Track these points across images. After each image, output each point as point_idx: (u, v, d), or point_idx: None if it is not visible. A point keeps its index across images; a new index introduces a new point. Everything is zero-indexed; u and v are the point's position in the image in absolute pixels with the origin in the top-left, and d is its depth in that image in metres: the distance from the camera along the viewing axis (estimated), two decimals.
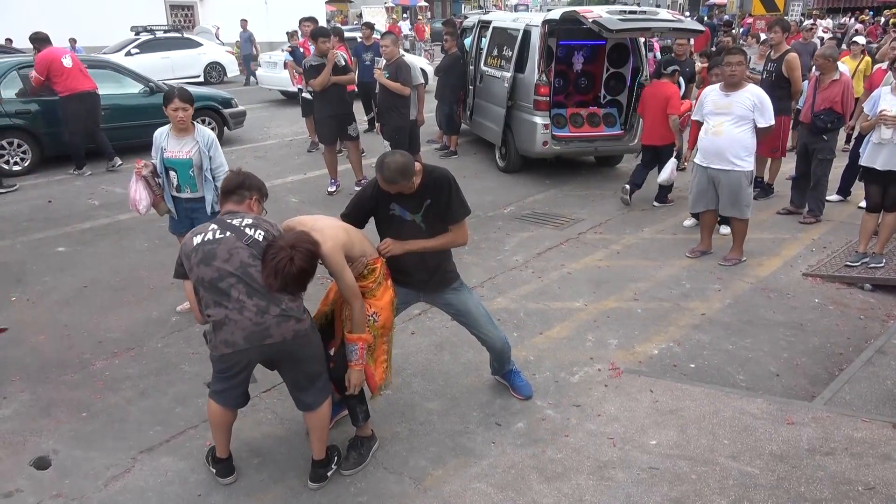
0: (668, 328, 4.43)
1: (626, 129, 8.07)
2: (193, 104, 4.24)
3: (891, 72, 6.67)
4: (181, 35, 18.06)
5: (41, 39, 7.99)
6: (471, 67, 9.17)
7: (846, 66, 7.99)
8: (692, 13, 34.75)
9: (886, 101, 4.92)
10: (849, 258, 5.37)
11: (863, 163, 5.18)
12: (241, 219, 2.76)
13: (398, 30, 25.80)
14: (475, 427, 3.38)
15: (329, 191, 7.52)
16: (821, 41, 11.93)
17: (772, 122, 5.14)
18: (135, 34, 16.97)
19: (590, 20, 6.74)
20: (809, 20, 20.16)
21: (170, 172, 4.28)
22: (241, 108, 10.43)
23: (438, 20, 34.88)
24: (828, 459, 3.03)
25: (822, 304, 4.77)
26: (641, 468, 3.04)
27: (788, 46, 7.06)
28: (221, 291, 2.60)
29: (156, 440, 3.30)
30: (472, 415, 3.48)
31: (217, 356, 2.69)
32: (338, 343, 3.04)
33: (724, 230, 5.88)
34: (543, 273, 5.33)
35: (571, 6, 9.00)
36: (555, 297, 4.89)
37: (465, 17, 17.46)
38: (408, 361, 3.98)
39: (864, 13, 27.83)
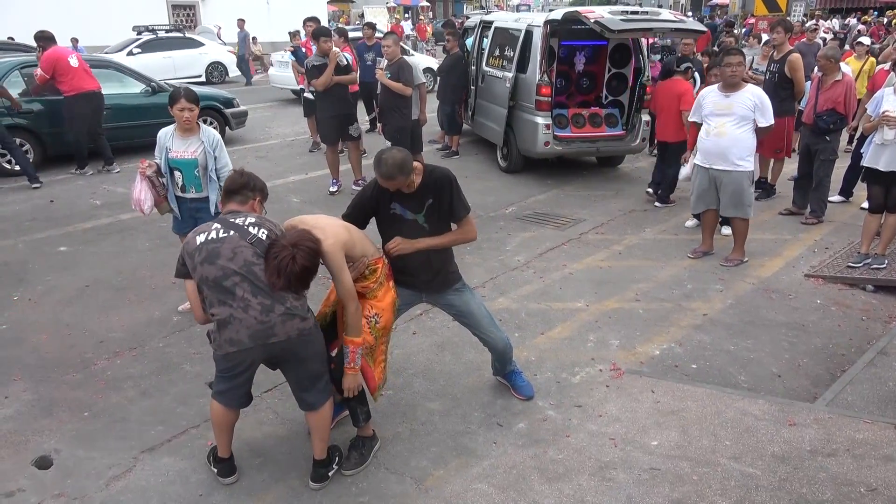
0: (670, 329, 4.43)
1: (628, 130, 8.07)
2: (199, 104, 4.26)
3: (893, 73, 6.68)
4: (183, 35, 18.04)
5: (46, 38, 7.98)
6: (472, 67, 9.17)
7: (850, 67, 7.98)
8: (694, 13, 34.74)
9: (889, 102, 4.91)
10: (851, 259, 5.36)
11: (865, 164, 5.17)
12: (244, 218, 2.77)
13: (400, 30, 25.82)
14: (476, 427, 3.38)
15: (331, 191, 7.53)
16: (823, 41, 11.91)
17: (772, 122, 5.15)
18: (136, 34, 16.98)
19: (591, 20, 6.74)
20: (812, 21, 20.12)
21: (174, 172, 4.28)
22: (243, 108, 10.44)
23: (440, 20, 34.88)
24: (830, 461, 3.02)
25: (825, 305, 4.76)
26: (643, 469, 3.04)
27: (791, 47, 7.05)
28: (226, 290, 2.60)
29: (157, 440, 3.30)
30: (474, 415, 3.48)
31: (221, 355, 2.69)
32: (339, 344, 3.04)
33: (726, 231, 5.87)
34: (545, 273, 5.33)
35: (573, 6, 9.00)
36: (556, 298, 4.89)
37: (467, 18, 17.46)
38: (409, 361, 3.98)
39: (868, 13, 27.76)
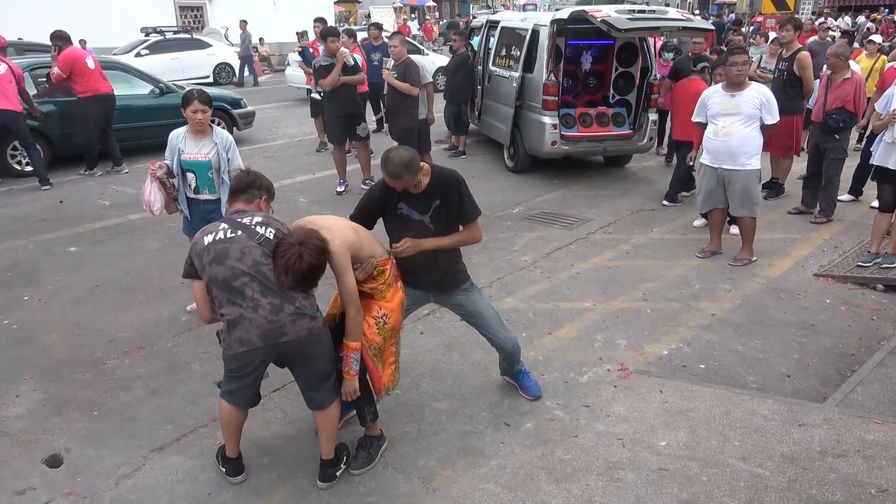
0: (678, 329, 4.41)
1: (636, 129, 8.04)
2: (212, 106, 4.25)
3: None
4: (190, 36, 18.13)
5: (63, 38, 7.98)
6: (479, 67, 9.17)
7: (860, 65, 7.92)
8: (702, 12, 34.60)
9: None
10: (861, 258, 5.33)
11: (875, 162, 5.14)
12: (252, 217, 2.77)
13: (407, 30, 25.85)
14: (484, 427, 3.38)
15: (338, 191, 7.53)
16: (832, 39, 11.84)
17: (778, 119, 5.13)
18: (144, 35, 17.07)
19: (598, 19, 6.73)
20: (821, 18, 20.00)
21: (187, 174, 4.27)
22: (251, 109, 10.48)
23: (447, 20, 34.91)
24: (840, 461, 3.00)
25: (834, 305, 4.73)
26: (651, 469, 3.03)
27: (801, 45, 7.00)
28: (235, 290, 2.61)
29: (166, 439, 3.32)
30: (481, 415, 3.48)
31: (231, 355, 2.70)
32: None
33: (734, 230, 5.84)
34: (552, 273, 5.32)
35: (580, 6, 8.98)
36: (564, 298, 4.88)
37: (473, 17, 17.44)
38: (416, 361, 3.99)
39: (880, 11, 27.54)
